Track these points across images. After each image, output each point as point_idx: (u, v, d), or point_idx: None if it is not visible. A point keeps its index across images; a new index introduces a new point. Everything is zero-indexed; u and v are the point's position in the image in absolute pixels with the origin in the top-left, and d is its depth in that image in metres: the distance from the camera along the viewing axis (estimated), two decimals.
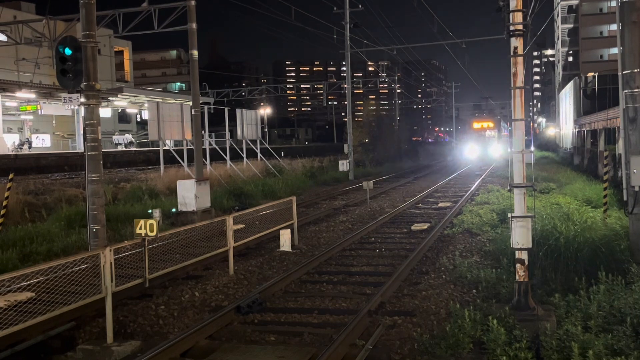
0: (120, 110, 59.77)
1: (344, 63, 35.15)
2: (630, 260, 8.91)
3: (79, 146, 45.53)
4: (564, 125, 52.84)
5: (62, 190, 20.32)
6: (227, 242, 10.69)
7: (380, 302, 8.56)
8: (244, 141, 33.04)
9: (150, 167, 35.71)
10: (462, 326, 6.77)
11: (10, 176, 14.10)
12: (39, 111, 43.57)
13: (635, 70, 9.68)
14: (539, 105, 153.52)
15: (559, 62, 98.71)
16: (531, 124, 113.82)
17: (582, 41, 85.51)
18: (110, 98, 40.61)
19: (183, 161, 25.51)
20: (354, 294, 9.42)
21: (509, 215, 7.73)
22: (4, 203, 13.38)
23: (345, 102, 38.74)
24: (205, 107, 31.64)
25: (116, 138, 57.27)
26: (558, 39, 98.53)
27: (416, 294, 9.13)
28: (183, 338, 7.05)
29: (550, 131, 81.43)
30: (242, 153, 33.14)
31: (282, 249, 12.90)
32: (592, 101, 41.35)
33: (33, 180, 23.62)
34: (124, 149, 52.22)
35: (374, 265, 11.56)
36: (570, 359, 5.83)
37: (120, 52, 77.60)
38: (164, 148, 26.22)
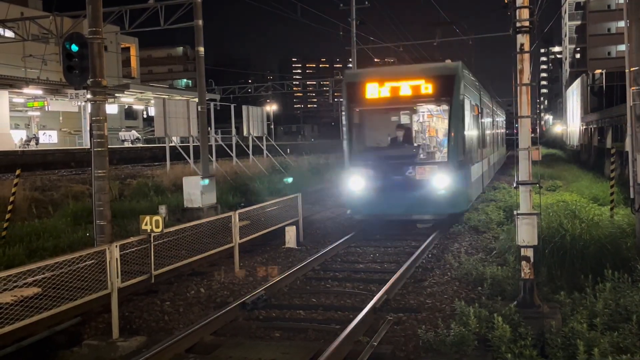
0: (126, 107, 60.00)
1: (350, 60, 35.02)
2: (636, 258, 8.85)
3: (86, 142, 45.67)
4: (570, 122, 52.63)
5: (69, 187, 20.41)
6: (232, 239, 10.71)
7: (385, 299, 8.55)
8: (250, 138, 33.03)
9: (156, 163, 35.81)
10: (467, 323, 6.76)
11: (17, 172, 14.13)
12: (46, 107, 43.74)
13: None
14: (545, 102, 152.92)
15: (566, 59, 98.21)
16: (538, 121, 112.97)
17: (590, 38, 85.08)
18: (116, 94, 40.80)
19: (189, 158, 25.54)
20: (359, 290, 9.43)
21: (515, 212, 7.69)
22: (11, 199, 13.42)
23: None
24: (212, 104, 31.70)
25: (122, 134, 57.44)
26: (565, 35, 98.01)
27: (421, 291, 9.14)
28: (188, 334, 7.08)
29: (557, 128, 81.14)
30: (248, 150, 33.12)
31: (287, 245, 12.91)
32: (600, 98, 41.18)
33: (40, 177, 23.74)
34: (131, 145, 52.39)
35: (379, 262, 11.55)
36: (576, 356, 5.81)
37: (127, 49, 77.87)
38: (170, 144, 26.30)
